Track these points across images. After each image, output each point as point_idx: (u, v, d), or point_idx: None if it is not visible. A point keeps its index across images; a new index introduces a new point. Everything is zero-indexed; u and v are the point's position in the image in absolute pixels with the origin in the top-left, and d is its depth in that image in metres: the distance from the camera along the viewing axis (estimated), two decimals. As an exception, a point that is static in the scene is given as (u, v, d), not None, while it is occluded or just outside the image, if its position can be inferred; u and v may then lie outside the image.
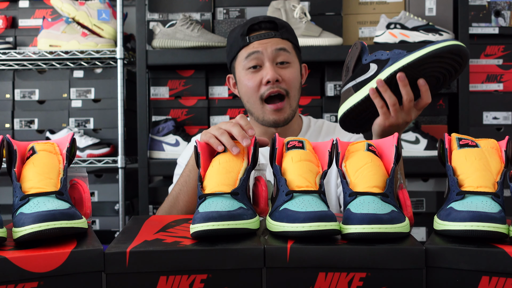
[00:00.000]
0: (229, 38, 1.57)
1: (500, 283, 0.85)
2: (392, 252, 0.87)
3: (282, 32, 1.51)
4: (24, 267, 0.83)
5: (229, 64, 1.58)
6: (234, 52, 1.53)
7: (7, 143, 0.99)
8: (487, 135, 1.63)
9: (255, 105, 1.51)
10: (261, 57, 1.48)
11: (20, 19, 2.57)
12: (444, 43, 1.15)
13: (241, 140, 1.09)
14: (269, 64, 1.48)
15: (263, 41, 1.49)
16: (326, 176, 1.10)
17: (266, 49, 1.48)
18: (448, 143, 1.03)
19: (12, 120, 2.54)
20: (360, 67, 1.24)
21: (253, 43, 1.49)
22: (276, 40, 1.49)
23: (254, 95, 1.50)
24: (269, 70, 1.47)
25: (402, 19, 2.26)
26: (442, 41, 1.16)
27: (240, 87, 1.54)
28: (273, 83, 1.47)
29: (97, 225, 2.51)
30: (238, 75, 1.53)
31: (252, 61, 1.49)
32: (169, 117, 2.37)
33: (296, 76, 1.52)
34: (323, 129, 1.62)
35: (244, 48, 1.50)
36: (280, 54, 1.49)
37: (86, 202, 1.01)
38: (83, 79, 2.55)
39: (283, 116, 1.50)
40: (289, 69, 1.50)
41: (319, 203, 0.93)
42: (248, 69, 1.50)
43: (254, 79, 1.49)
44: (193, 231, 0.90)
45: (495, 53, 2.41)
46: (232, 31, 1.58)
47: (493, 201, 0.91)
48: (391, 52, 1.21)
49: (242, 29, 1.51)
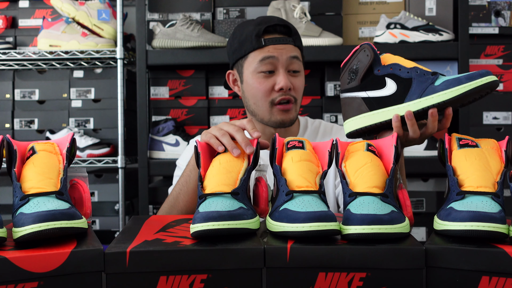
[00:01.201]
0: (238, 34, 1.53)
1: (500, 283, 0.85)
2: (392, 252, 0.87)
3: (295, 39, 1.51)
4: (24, 267, 0.83)
5: (235, 60, 1.54)
6: (245, 51, 1.50)
7: (7, 143, 0.99)
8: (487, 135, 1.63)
9: (263, 108, 1.50)
10: (276, 63, 1.47)
11: (20, 19, 2.57)
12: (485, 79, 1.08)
13: (245, 148, 1.08)
14: (283, 71, 1.48)
15: (279, 47, 1.48)
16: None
17: (281, 55, 1.47)
18: (448, 143, 1.03)
19: (12, 120, 2.54)
20: (371, 78, 1.15)
21: (268, 46, 1.47)
22: (290, 47, 1.49)
23: (263, 98, 1.49)
24: (283, 78, 1.47)
25: (402, 19, 2.27)
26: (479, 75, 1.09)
27: (247, 88, 1.52)
28: (285, 90, 1.47)
29: (97, 225, 2.51)
30: (246, 75, 1.51)
31: (266, 65, 1.47)
32: (169, 117, 2.37)
33: (303, 85, 1.54)
34: (320, 130, 1.62)
35: (258, 49, 1.48)
36: (293, 62, 1.49)
37: (86, 202, 1.01)
38: (83, 79, 2.55)
39: (289, 116, 1.50)
40: (299, 78, 1.52)
41: (319, 203, 0.93)
42: (260, 72, 1.48)
43: (266, 83, 1.48)
44: (193, 231, 0.90)
45: (495, 53, 2.41)
46: (241, 26, 1.54)
47: (493, 201, 0.91)
48: (412, 70, 1.12)
49: (256, 29, 1.48)
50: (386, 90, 1.15)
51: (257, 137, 1.11)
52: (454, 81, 1.11)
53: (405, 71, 1.14)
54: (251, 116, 1.56)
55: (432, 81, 1.12)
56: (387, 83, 1.14)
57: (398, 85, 1.14)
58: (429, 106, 1.12)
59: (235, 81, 1.58)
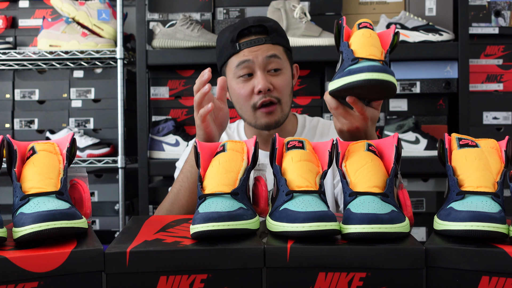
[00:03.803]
0: (219, 41, 1.54)
1: (500, 283, 0.85)
2: (392, 252, 0.87)
3: (273, 37, 1.48)
4: (24, 267, 0.83)
5: (219, 68, 1.56)
6: (224, 58, 1.51)
7: (7, 143, 0.99)
8: (487, 135, 1.63)
9: (247, 112, 1.50)
10: (252, 66, 1.46)
11: (20, 19, 2.57)
12: (358, 76, 1.08)
13: (199, 83, 1.27)
14: (260, 72, 1.46)
15: (254, 49, 1.46)
16: (325, 176, 1.10)
17: (257, 57, 1.46)
18: (448, 143, 1.03)
19: (12, 120, 2.54)
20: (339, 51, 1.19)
21: (243, 50, 1.47)
22: (266, 47, 1.47)
23: (246, 103, 1.49)
24: (261, 80, 1.45)
25: (402, 19, 2.27)
26: (359, 71, 1.08)
27: (232, 94, 1.53)
28: (264, 92, 1.46)
29: (97, 225, 2.51)
30: (229, 82, 1.51)
31: (243, 69, 1.47)
32: (169, 117, 2.37)
33: (287, 83, 1.51)
34: (318, 128, 1.62)
35: (234, 55, 1.48)
36: (271, 62, 1.47)
37: (86, 202, 1.01)
38: (83, 79, 2.55)
39: (274, 118, 1.49)
40: (281, 76, 1.49)
41: (319, 203, 0.93)
42: (239, 77, 1.48)
43: (246, 88, 1.48)
44: (193, 232, 0.90)
45: (495, 53, 2.41)
46: (221, 33, 1.54)
47: (493, 201, 0.91)
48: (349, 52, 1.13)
49: (231, 35, 1.48)
50: (338, 65, 1.19)
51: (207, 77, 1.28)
52: (348, 72, 1.11)
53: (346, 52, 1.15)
54: (243, 120, 1.56)
55: (346, 67, 1.13)
56: (340, 59, 1.18)
57: (340, 63, 1.17)
58: (332, 91, 1.16)
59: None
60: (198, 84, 1.30)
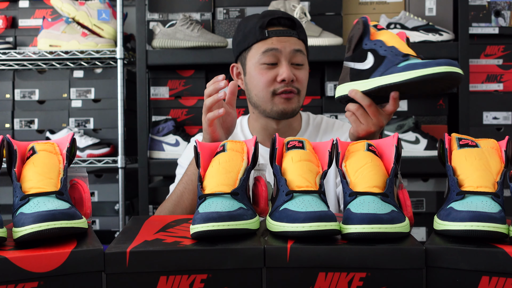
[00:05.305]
0: (243, 26, 1.54)
1: (500, 283, 0.85)
2: (392, 252, 0.87)
3: (299, 32, 1.51)
4: (24, 267, 0.83)
5: (238, 53, 1.55)
6: (249, 43, 1.50)
7: (7, 143, 0.99)
8: (487, 135, 1.63)
9: (264, 98, 1.50)
10: (279, 55, 1.48)
11: (20, 19, 2.57)
12: (439, 69, 1.08)
13: (214, 86, 1.31)
14: (285, 63, 1.47)
15: (282, 39, 1.48)
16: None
17: (285, 48, 1.47)
18: (448, 143, 1.03)
19: (12, 120, 2.54)
20: (359, 51, 1.19)
21: (271, 38, 1.48)
22: (294, 40, 1.49)
23: (265, 89, 1.49)
24: (286, 70, 1.47)
25: (402, 19, 2.26)
26: (436, 64, 1.08)
27: (250, 80, 1.52)
28: (288, 82, 1.47)
29: (97, 225, 2.51)
30: (249, 67, 1.51)
31: (269, 57, 1.48)
32: (169, 117, 2.37)
33: (307, 78, 1.54)
34: (322, 126, 1.62)
35: (261, 41, 1.48)
36: (297, 55, 1.49)
37: (86, 202, 1.01)
38: (83, 79, 2.55)
39: (291, 106, 1.50)
40: (303, 70, 1.52)
41: (319, 203, 0.93)
42: (262, 64, 1.49)
43: (268, 74, 1.48)
44: (193, 232, 0.90)
45: (495, 53, 2.41)
46: (245, 19, 1.55)
47: (493, 201, 0.91)
48: (389, 49, 1.14)
49: (260, 21, 1.48)
50: (366, 64, 1.17)
51: (222, 79, 1.29)
52: (413, 66, 1.10)
53: (383, 49, 1.15)
54: (253, 109, 1.56)
55: (398, 62, 1.12)
56: (368, 58, 1.17)
57: (375, 61, 1.16)
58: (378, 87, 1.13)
59: (238, 74, 1.58)
60: (211, 89, 1.31)
